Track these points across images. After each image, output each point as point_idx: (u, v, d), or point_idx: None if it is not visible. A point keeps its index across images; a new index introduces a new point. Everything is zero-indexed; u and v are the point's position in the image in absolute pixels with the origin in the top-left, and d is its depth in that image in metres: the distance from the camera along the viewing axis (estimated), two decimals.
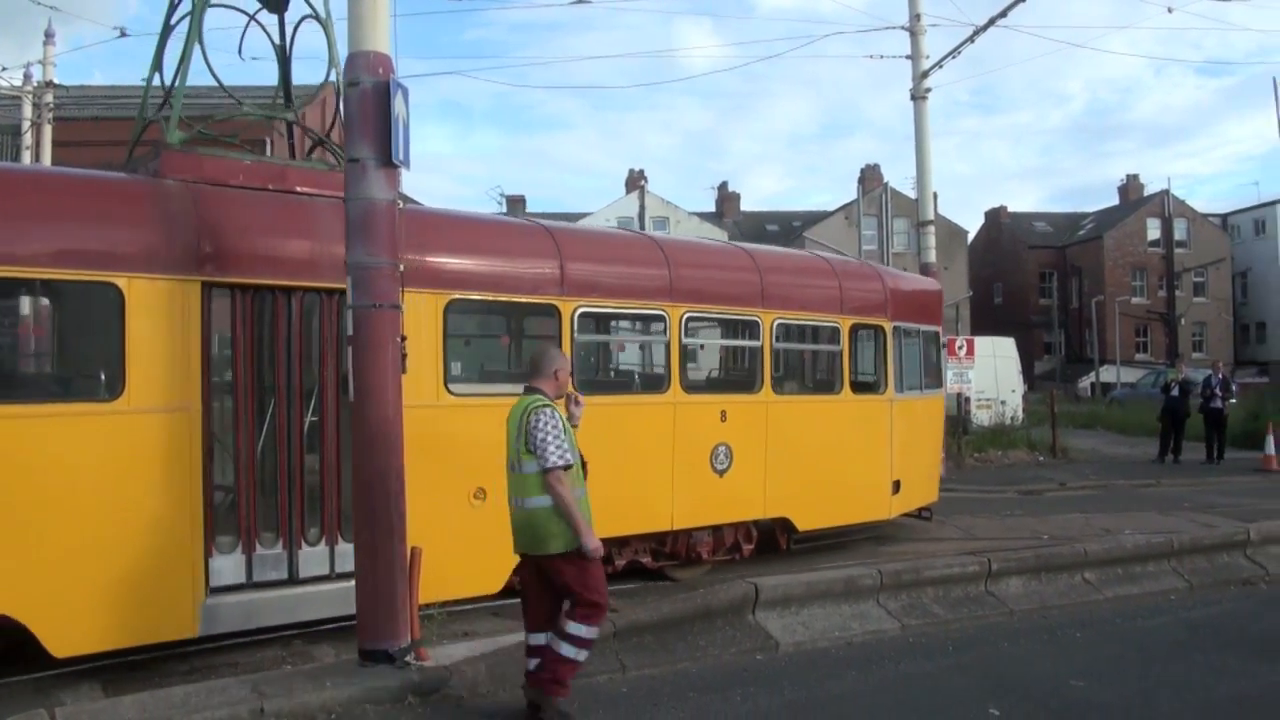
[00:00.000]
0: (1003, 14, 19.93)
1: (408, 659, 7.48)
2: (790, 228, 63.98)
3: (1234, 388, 26.03)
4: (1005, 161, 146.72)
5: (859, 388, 13.73)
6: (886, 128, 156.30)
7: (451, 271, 9.89)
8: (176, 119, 9.05)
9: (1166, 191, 68.73)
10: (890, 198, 48.10)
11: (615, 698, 7.60)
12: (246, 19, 10.39)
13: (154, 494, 8.05)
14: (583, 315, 10.81)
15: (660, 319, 11.57)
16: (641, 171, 67.98)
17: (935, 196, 23.83)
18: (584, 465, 7.09)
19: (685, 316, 11.65)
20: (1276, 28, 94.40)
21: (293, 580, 8.86)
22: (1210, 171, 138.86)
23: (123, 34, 24.40)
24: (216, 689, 7.05)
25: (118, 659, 8.09)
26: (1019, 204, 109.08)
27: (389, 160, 7.50)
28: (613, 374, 13.77)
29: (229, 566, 8.54)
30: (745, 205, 73.41)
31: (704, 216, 64.59)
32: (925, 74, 20.84)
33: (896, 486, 13.99)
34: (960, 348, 28.11)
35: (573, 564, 6.82)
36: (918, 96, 20.97)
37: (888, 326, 13.94)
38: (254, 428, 8.74)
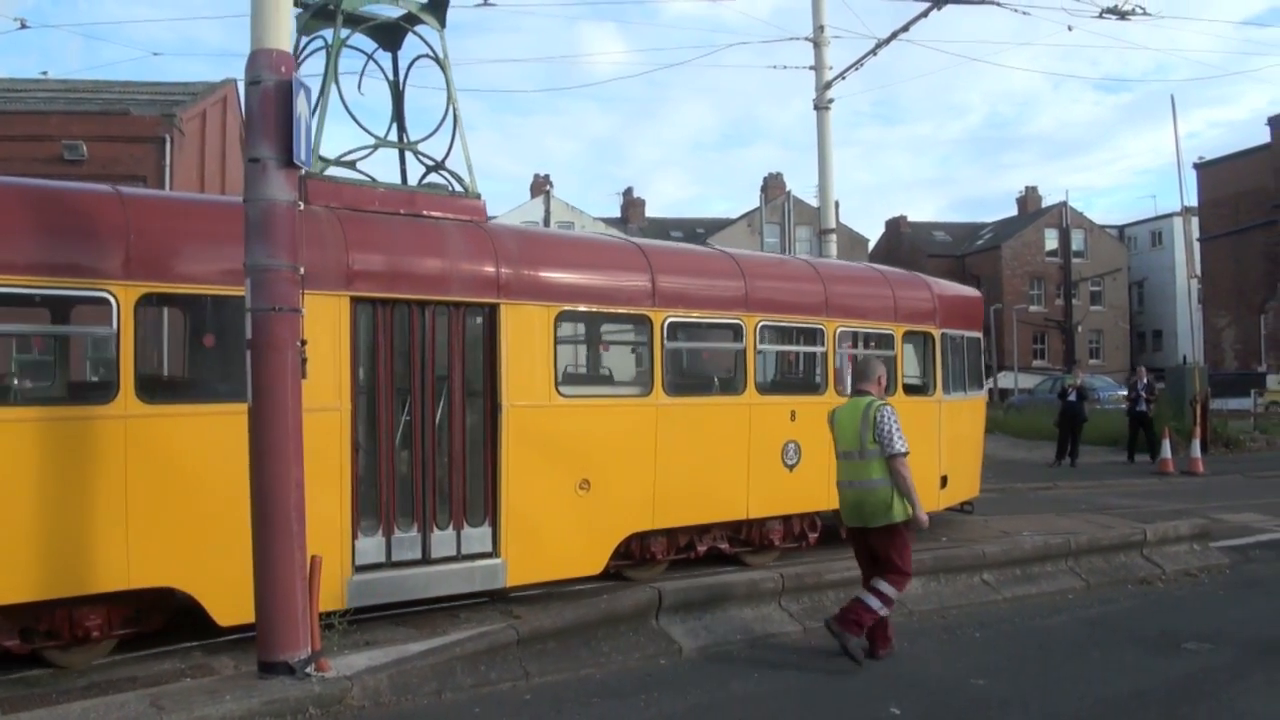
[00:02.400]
0: (905, 28, 20.27)
1: (308, 670, 7.35)
2: (694, 234, 64.16)
3: (1157, 390, 26.83)
4: (905, 172, 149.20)
5: (910, 390, 14.63)
6: (789, 137, 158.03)
7: (560, 286, 10.94)
8: (318, 150, 9.80)
9: (1064, 203, 70.55)
10: (793, 206, 48.44)
11: (519, 705, 7.57)
12: (365, 58, 11.39)
13: (310, 483, 8.71)
14: (671, 324, 11.85)
15: (738, 328, 12.49)
16: (547, 176, 67.80)
17: (837, 205, 24.13)
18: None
19: (760, 325, 12.66)
20: (1173, 47, 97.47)
21: (425, 560, 9.93)
22: (1108, 184, 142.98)
23: (23, 25, 23.77)
24: (115, 704, 6.95)
25: (13, 675, 8.12)
26: (919, 213, 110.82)
27: (290, 160, 7.39)
28: (695, 377, 14.73)
29: (371, 548, 9.60)
30: (650, 211, 73.46)
31: (609, 222, 64.57)
32: (828, 85, 21.11)
33: (944, 481, 14.84)
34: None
35: (898, 535, 8.63)
36: (820, 107, 21.22)
37: (936, 333, 14.89)
38: (392, 426, 9.80)
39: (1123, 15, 19.88)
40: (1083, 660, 9.03)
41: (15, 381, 10.04)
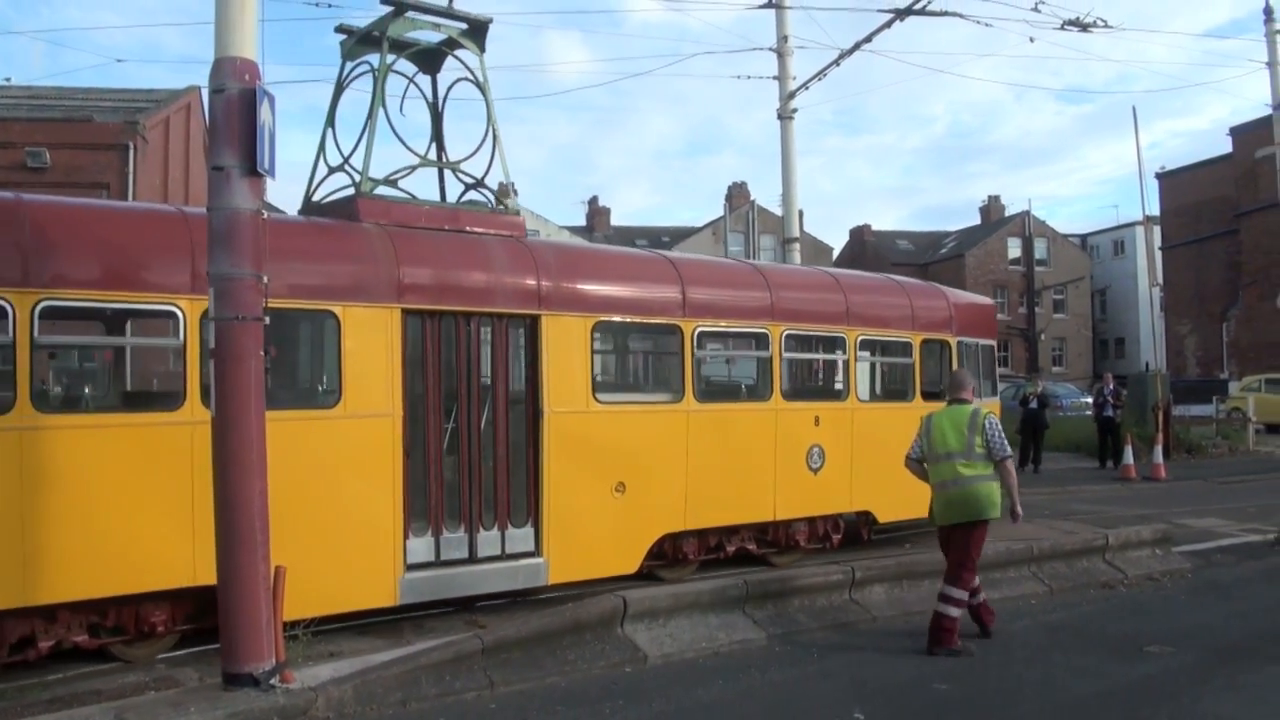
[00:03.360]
0: (867, 39, 20.47)
1: (273, 681, 7.30)
2: (659, 243, 64.07)
3: (1123, 396, 27.08)
4: (868, 181, 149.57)
5: (928, 396, 14.88)
6: (753, 146, 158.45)
7: (597, 297, 11.48)
8: (368, 170, 10.60)
9: (1027, 212, 71.07)
10: (757, 215, 48.74)
11: (484, 714, 7.57)
12: (406, 81, 11.78)
13: (364, 485, 9.66)
14: (701, 334, 12.35)
15: (764, 337, 13.01)
16: (512, 185, 67.50)
17: (801, 214, 24.25)
18: None
19: (785, 334, 13.19)
20: (1135, 58, 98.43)
21: (472, 559, 10.46)
22: (1070, 193, 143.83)
23: None
24: (79, 717, 6.96)
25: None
26: (882, 222, 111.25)
27: (254, 169, 7.34)
28: (725, 384, 15.36)
29: (421, 547, 10.12)
30: (615, 220, 73.40)
31: (574, 230, 64.41)
32: (792, 95, 21.26)
33: None
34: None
35: (983, 531, 9.53)
36: (784, 116, 21.37)
37: (952, 341, 15.46)
38: (440, 431, 10.32)
39: (1084, 27, 20.15)
40: (1045, 664, 9.12)
41: (86, 390, 10.49)
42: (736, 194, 64.75)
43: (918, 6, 19.39)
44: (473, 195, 11.80)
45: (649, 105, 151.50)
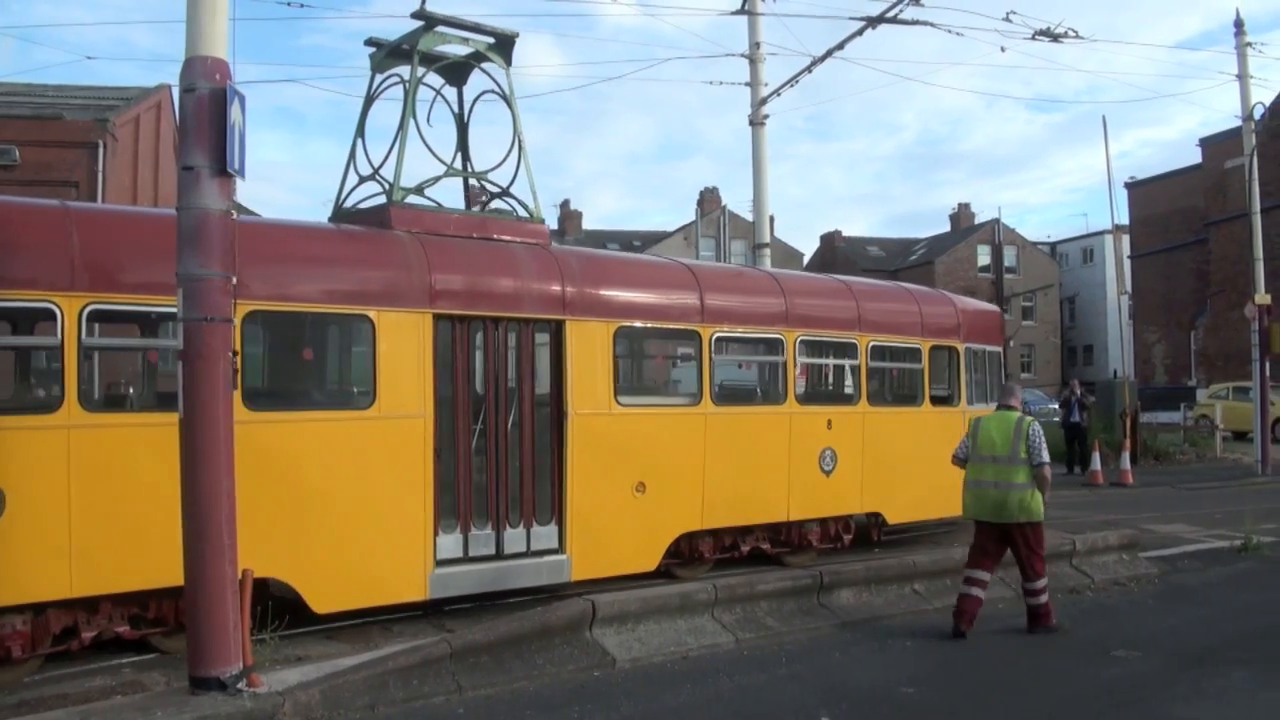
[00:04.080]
0: (839, 46, 20.51)
1: (240, 686, 7.22)
2: (631, 247, 64.06)
3: (1088, 402, 27.25)
4: (839, 187, 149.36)
5: (936, 401, 15.65)
6: (724, 151, 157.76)
7: (619, 304, 11.91)
8: (400, 179, 10.98)
9: (997, 220, 71.48)
10: (728, 220, 48.79)
11: (451, 718, 7.55)
12: (433, 93, 12.26)
13: (396, 483, 10.03)
14: (718, 339, 12.79)
15: (779, 342, 13.46)
16: (483, 188, 67.41)
17: (772, 220, 24.32)
18: None
19: (799, 339, 13.65)
20: (1105, 69, 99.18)
21: (499, 555, 10.85)
22: (1040, 201, 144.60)
23: None
24: None
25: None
26: (853, 228, 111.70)
27: (224, 169, 7.26)
28: (741, 388, 15.77)
29: (450, 544, 10.50)
30: (587, 224, 73.24)
31: None
32: (764, 101, 21.29)
33: None
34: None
35: (1039, 529, 10.28)
36: (756, 123, 21.39)
37: (960, 347, 15.95)
38: (469, 432, 10.71)
39: (1055, 38, 20.29)
40: (1012, 668, 9.19)
41: (130, 390, 10.72)
42: (708, 199, 64.86)
43: (890, 15, 19.46)
44: (498, 203, 12.32)
45: (622, 109, 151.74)
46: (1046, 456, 10.06)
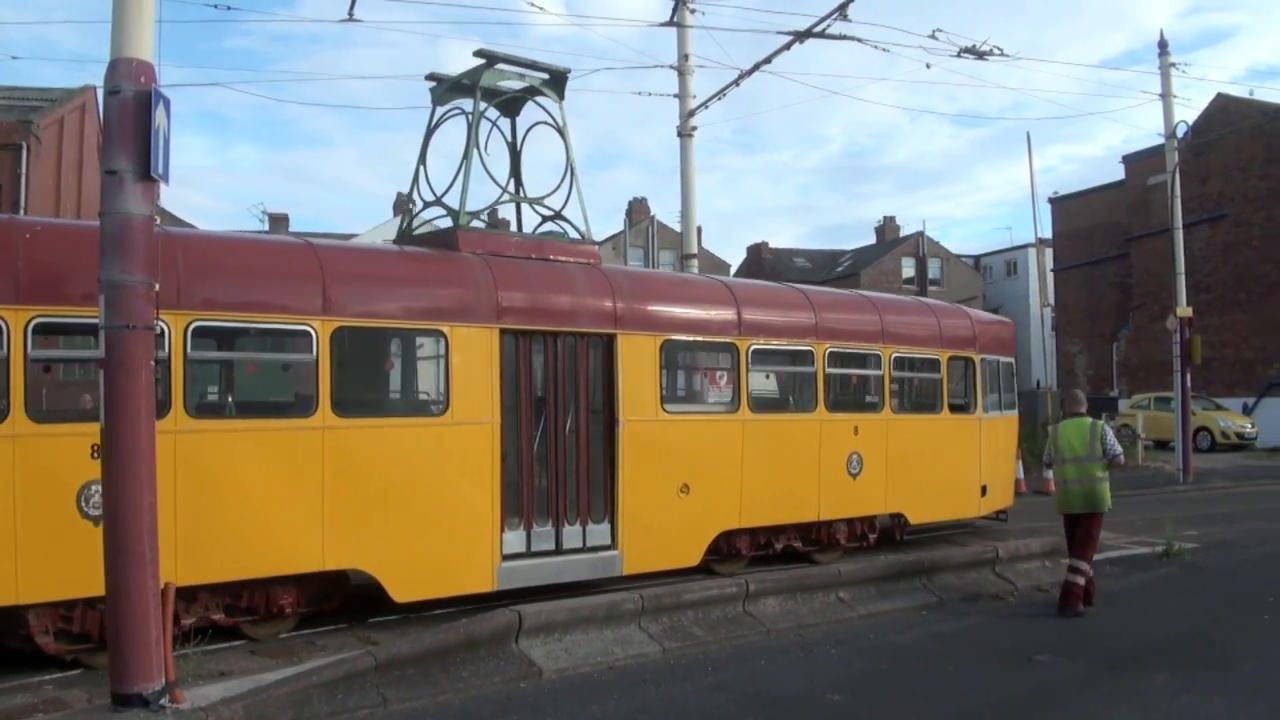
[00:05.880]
0: (767, 60, 20.74)
1: (162, 702, 7.10)
2: None
3: None
4: (766, 199, 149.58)
5: (954, 408, 16.71)
6: (653, 162, 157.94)
7: (664, 319, 13.01)
8: (466, 206, 12.03)
9: (921, 232, 72.34)
10: (656, 230, 48.81)
11: None
12: (489, 124, 13.18)
13: (467, 484, 11.02)
14: (754, 351, 13.82)
15: (810, 354, 14.49)
16: (409, 194, 66.87)
17: (700, 230, 24.46)
18: None
19: (828, 351, 14.64)
20: (1030, 86, 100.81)
21: (558, 551, 11.83)
22: (964, 215, 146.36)
23: None
24: None
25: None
26: (779, 240, 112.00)
27: (148, 173, 7.15)
28: (775, 397, 16.92)
29: (515, 540, 11.48)
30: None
31: None
32: (692, 113, 21.44)
33: (984, 490, 17.07)
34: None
35: (1098, 520, 11.94)
36: (684, 134, 21.53)
37: (976, 358, 17.03)
38: (531, 437, 11.69)
39: (980, 55, 20.60)
40: (936, 674, 9.29)
41: (228, 398, 11.72)
42: (637, 209, 64.75)
43: (817, 30, 19.65)
44: (550, 226, 13.27)
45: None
46: (1119, 449, 11.81)
